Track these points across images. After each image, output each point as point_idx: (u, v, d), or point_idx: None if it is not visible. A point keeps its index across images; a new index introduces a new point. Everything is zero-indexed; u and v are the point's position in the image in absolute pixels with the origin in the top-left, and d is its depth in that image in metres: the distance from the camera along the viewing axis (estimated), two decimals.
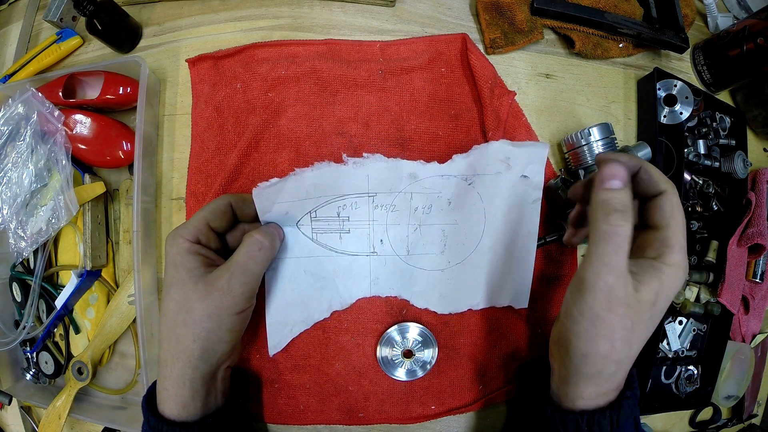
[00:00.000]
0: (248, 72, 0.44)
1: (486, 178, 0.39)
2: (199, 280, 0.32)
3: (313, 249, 0.40)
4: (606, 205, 0.27)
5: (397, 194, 0.40)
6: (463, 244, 0.41)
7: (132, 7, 0.48)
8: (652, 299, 0.27)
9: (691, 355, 0.50)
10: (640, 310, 0.27)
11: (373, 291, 0.42)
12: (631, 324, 0.27)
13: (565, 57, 0.48)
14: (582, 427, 0.28)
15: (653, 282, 0.27)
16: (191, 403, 0.32)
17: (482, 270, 0.41)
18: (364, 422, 0.44)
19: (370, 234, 0.40)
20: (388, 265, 0.41)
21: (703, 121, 0.50)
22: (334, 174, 0.38)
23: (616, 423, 0.28)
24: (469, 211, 0.40)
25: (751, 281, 0.51)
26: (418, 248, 0.41)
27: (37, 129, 0.43)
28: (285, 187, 0.36)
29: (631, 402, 0.29)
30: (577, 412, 0.29)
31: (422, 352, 0.42)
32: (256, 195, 0.35)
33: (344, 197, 0.39)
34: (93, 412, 0.46)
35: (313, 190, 0.38)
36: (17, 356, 0.49)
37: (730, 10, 0.57)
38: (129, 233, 0.45)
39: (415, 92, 0.44)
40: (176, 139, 0.46)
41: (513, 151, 0.39)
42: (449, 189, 0.40)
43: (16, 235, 0.43)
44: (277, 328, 0.41)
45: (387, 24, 0.47)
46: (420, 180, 0.39)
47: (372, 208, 0.40)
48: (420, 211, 0.40)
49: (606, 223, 0.27)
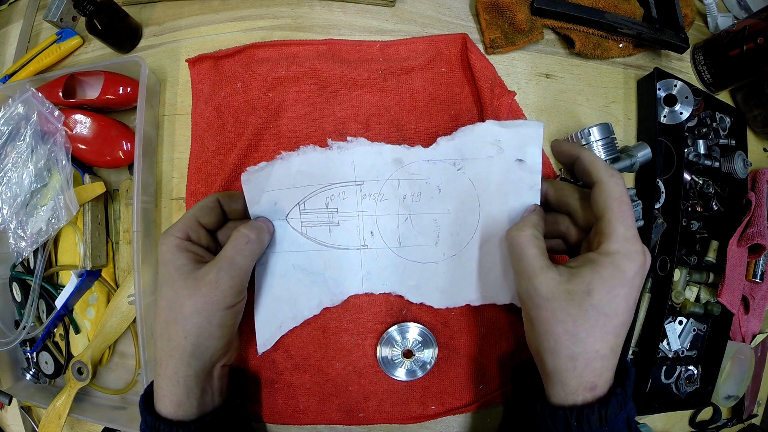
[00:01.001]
0: (248, 72, 0.44)
1: (477, 162, 0.37)
2: (188, 276, 0.32)
3: (302, 243, 0.39)
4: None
5: (384, 182, 0.38)
6: (457, 235, 0.39)
7: (132, 7, 0.48)
8: (584, 289, 0.28)
9: (691, 355, 0.50)
10: (573, 302, 0.28)
11: (366, 287, 0.40)
12: (569, 317, 0.28)
13: (565, 57, 0.48)
14: (571, 422, 0.28)
15: (585, 272, 0.28)
16: (186, 402, 0.32)
17: (480, 262, 0.39)
18: (364, 422, 0.44)
19: (359, 226, 0.39)
20: (380, 258, 0.40)
21: (703, 121, 0.50)
22: (320, 160, 0.38)
23: (604, 418, 0.28)
24: (462, 199, 0.38)
25: (751, 281, 0.51)
26: (410, 240, 0.39)
27: (37, 129, 0.43)
28: (272, 172, 0.37)
29: (619, 398, 0.29)
30: (566, 407, 0.29)
31: (422, 352, 0.42)
32: (244, 181, 0.36)
33: (331, 186, 0.38)
34: (93, 412, 0.46)
35: (300, 177, 0.38)
36: (17, 356, 0.49)
37: (730, 10, 0.57)
38: (129, 233, 0.45)
39: (415, 92, 0.44)
40: (176, 139, 0.46)
41: (503, 133, 0.36)
42: (437, 175, 0.38)
43: (16, 235, 0.43)
44: (265, 325, 0.40)
45: (387, 24, 0.47)
46: (406, 165, 0.38)
47: (360, 198, 0.39)
48: (409, 199, 0.39)
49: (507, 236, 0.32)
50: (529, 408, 0.31)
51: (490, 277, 0.39)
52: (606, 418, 0.28)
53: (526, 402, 0.32)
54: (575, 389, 0.29)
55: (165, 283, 0.32)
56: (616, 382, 0.30)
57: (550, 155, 0.46)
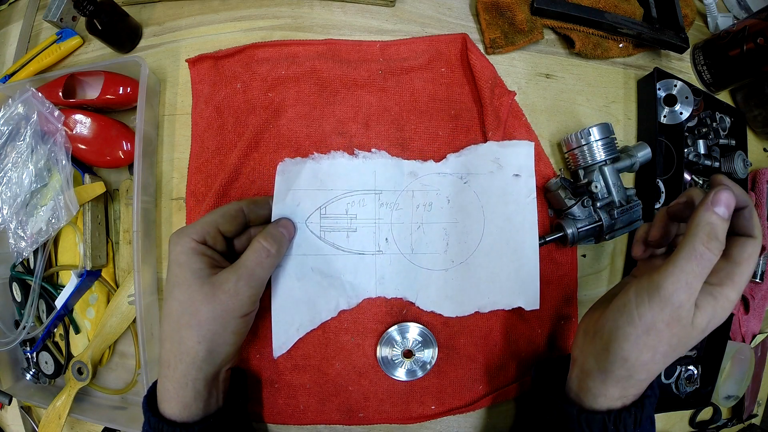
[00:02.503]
0: (248, 72, 0.44)
1: (480, 177, 0.42)
2: (205, 282, 0.31)
3: (321, 247, 0.40)
4: (712, 228, 0.27)
5: (400, 192, 0.42)
6: (464, 243, 0.41)
7: (132, 7, 0.48)
8: (704, 326, 0.28)
9: (691, 355, 0.50)
10: (690, 334, 0.28)
11: (379, 291, 0.42)
12: (678, 343, 0.28)
13: (565, 57, 0.48)
14: (609, 427, 0.29)
15: (708, 309, 0.28)
16: (193, 404, 0.32)
17: (486, 269, 0.41)
18: (364, 422, 0.44)
19: (375, 232, 0.41)
20: (393, 264, 0.41)
21: (703, 121, 0.50)
22: (346, 166, 0.41)
23: (639, 422, 0.29)
24: (468, 210, 0.41)
25: (751, 281, 0.51)
26: (421, 247, 0.41)
27: (37, 129, 0.43)
28: (302, 171, 0.40)
29: (652, 401, 0.30)
30: (603, 411, 0.29)
31: (422, 352, 0.42)
32: (280, 171, 0.40)
33: (353, 193, 0.41)
34: (93, 412, 0.46)
35: (326, 179, 0.41)
36: (17, 356, 0.49)
37: (730, 10, 0.57)
38: (129, 233, 0.45)
39: (415, 92, 0.44)
40: (176, 139, 0.46)
41: (500, 152, 0.42)
42: (447, 187, 0.42)
43: (16, 235, 0.43)
44: (283, 327, 0.40)
45: (387, 24, 0.47)
46: (420, 177, 0.42)
47: (378, 206, 0.41)
48: (422, 208, 0.42)
49: (704, 245, 0.27)
50: (557, 409, 0.31)
51: (495, 282, 0.41)
52: (640, 422, 0.29)
53: (553, 403, 0.32)
54: (629, 394, 0.29)
55: (178, 285, 0.32)
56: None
57: (550, 155, 0.46)
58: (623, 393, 0.29)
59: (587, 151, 0.41)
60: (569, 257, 0.45)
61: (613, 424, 0.29)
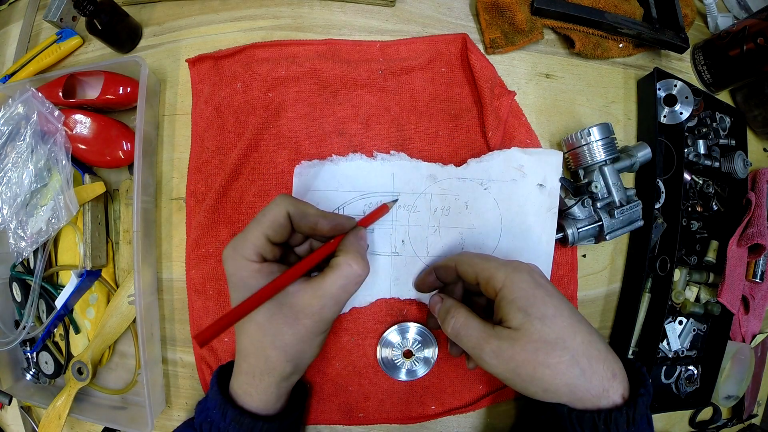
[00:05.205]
0: (248, 72, 0.44)
1: (502, 184, 0.41)
2: (283, 304, 0.31)
3: None
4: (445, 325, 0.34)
5: (418, 195, 0.42)
6: (480, 249, 0.41)
7: (132, 7, 0.48)
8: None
9: (691, 355, 0.50)
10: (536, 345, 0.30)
11: (394, 292, 0.42)
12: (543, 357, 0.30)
13: (565, 57, 0.48)
14: (599, 426, 0.28)
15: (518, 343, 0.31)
16: (276, 404, 0.35)
17: None
18: (364, 422, 0.44)
19: (392, 234, 0.41)
20: (408, 265, 0.42)
21: (703, 121, 0.50)
22: (365, 168, 0.41)
23: (632, 420, 0.28)
24: (486, 217, 0.41)
25: (751, 281, 0.51)
26: (437, 250, 0.42)
27: (37, 129, 0.43)
28: (320, 172, 0.41)
29: (645, 400, 0.29)
30: (593, 410, 0.29)
31: (422, 351, 0.42)
32: (297, 174, 0.40)
33: (370, 195, 0.41)
34: (93, 412, 0.46)
35: (345, 181, 0.41)
36: (17, 356, 0.49)
37: (730, 10, 0.57)
38: (129, 233, 0.45)
39: (415, 92, 0.44)
40: (176, 139, 0.46)
41: (526, 159, 0.41)
42: (466, 192, 0.42)
43: (16, 235, 0.43)
44: None
45: (387, 24, 0.47)
46: (439, 181, 0.42)
47: (395, 208, 0.41)
48: (439, 212, 0.42)
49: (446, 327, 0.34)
50: (553, 411, 0.31)
51: None
52: (634, 420, 0.29)
53: (547, 403, 0.32)
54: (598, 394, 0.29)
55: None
56: (637, 383, 0.31)
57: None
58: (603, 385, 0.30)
59: (587, 151, 0.41)
60: (569, 257, 0.45)
61: (604, 423, 0.28)
